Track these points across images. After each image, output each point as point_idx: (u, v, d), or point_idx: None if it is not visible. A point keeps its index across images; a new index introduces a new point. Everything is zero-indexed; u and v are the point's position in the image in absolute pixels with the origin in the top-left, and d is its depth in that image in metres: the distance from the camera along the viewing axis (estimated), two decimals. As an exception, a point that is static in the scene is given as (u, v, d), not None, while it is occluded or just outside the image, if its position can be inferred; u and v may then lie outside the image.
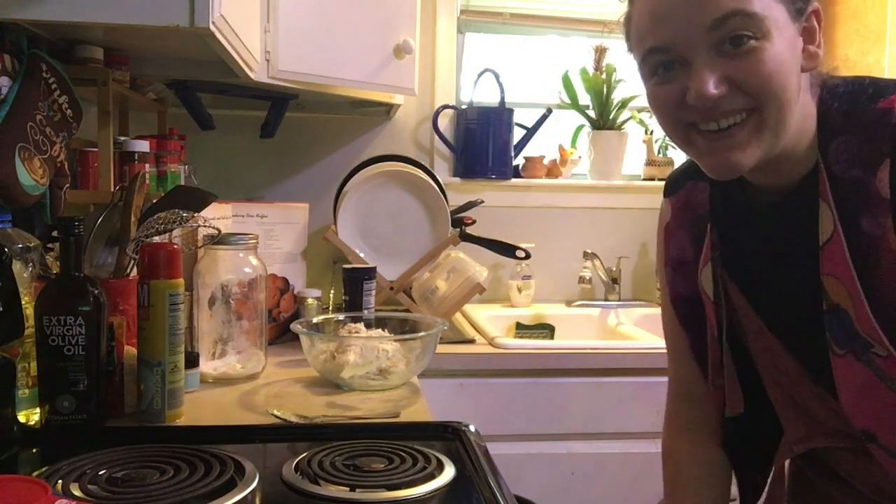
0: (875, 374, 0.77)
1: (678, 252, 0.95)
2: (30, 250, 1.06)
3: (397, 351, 1.32)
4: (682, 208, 0.94)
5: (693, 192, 0.92)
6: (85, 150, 1.51)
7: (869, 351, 0.76)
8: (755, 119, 0.73)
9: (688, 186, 0.93)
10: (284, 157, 2.18)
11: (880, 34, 2.10)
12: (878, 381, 0.77)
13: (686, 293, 0.96)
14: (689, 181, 0.93)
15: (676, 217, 0.95)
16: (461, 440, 0.98)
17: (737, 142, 0.74)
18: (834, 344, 0.79)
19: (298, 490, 0.82)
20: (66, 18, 1.06)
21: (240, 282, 1.36)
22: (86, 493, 0.77)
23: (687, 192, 0.93)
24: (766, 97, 0.72)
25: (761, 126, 0.73)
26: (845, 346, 0.78)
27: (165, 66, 1.63)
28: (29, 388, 1.04)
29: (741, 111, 0.73)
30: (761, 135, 0.74)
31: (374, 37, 1.77)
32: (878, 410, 0.79)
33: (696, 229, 0.92)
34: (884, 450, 0.81)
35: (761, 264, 0.87)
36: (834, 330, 0.79)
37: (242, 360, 1.37)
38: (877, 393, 0.78)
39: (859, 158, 0.74)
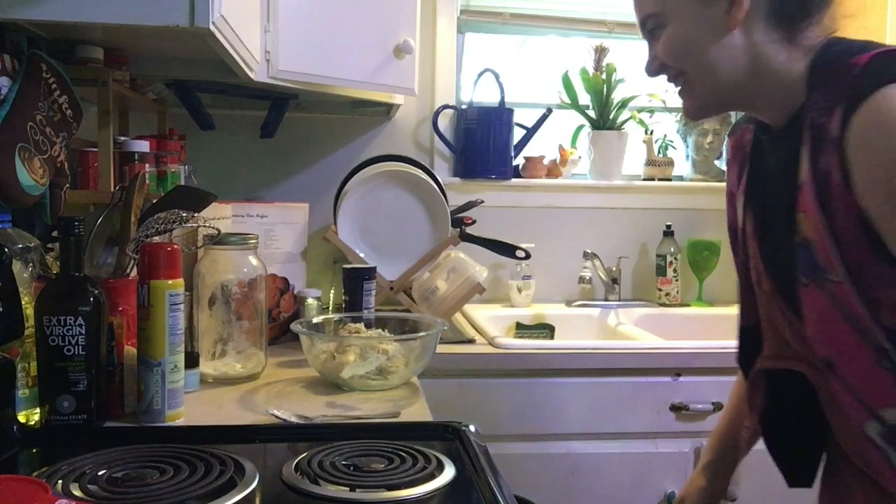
0: (833, 303, 0.86)
1: (729, 184, 1.10)
2: (30, 250, 1.06)
3: (397, 351, 1.32)
4: (735, 146, 1.09)
5: (744, 133, 1.06)
6: (85, 150, 1.51)
7: (826, 279, 0.86)
8: (684, 79, 0.96)
9: (742, 128, 1.07)
10: (284, 157, 2.18)
11: (880, 34, 2.10)
12: (834, 311, 0.86)
13: (731, 222, 1.09)
14: (744, 124, 1.07)
15: (731, 154, 1.10)
16: (461, 440, 0.98)
17: (685, 95, 0.98)
18: (801, 274, 0.89)
19: (298, 490, 0.82)
20: (66, 18, 1.06)
21: (240, 282, 1.36)
22: (86, 493, 0.77)
23: (741, 132, 1.07)
24: (682, 63, 0.95)
25: (690, 82, 0.95)
26: (810, 276, 0.88)
27: (165, 66, 1.63)
28: (29, 388, 1.04)
29: (676, 76, 0.97)
30: (693, 88, 0.96)
31: (374, 37, 1.77)
32: (836, 339, 0.88)
33: (741, 165, 1.06)
34: (841, 380, 0.89)
35: (762, 196, 1.00)
36: (802, 261, 0.88)
37: (242, 360, 1.37)
38: (835, 322, 0.87)
39: (826, 106, 0.85)
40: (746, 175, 1.03)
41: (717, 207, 2.39)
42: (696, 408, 1.66)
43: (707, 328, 2.19)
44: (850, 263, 0.84)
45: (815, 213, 0.85)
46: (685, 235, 2.34)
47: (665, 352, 1.71)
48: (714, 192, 2.36)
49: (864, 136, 0.80)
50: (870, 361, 0.86)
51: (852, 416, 0.90)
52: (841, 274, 0.84)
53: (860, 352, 0.86)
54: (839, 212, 0.83)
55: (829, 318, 0.87)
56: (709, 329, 2.18)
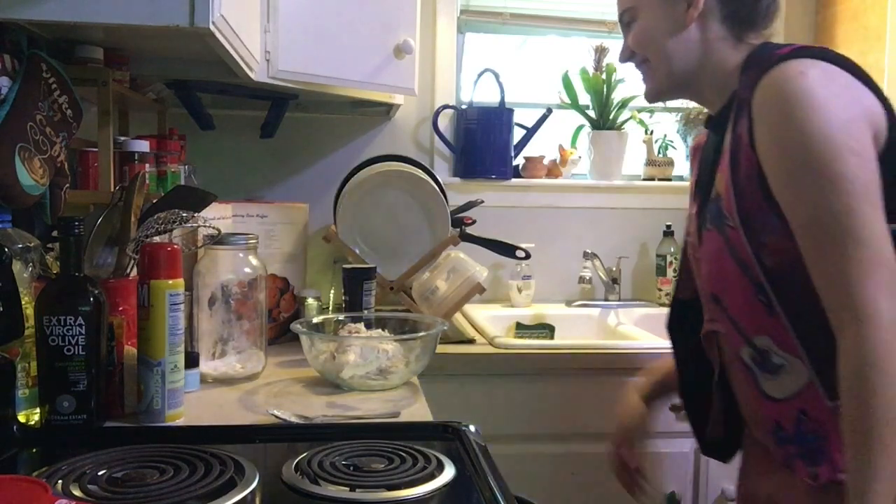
0: (727, 245, 1.02)
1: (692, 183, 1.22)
2: (30, 250, 1.06)
3: (397, 351, 1.32)
4: (694, 148, 1.23)
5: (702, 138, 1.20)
6: (85, 150, 1.51)
7: (725, 224, 1.01)
8: (647, 65, 1.12)
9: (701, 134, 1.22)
10: (284, 157, 2.18)
11: (880, 34, 2.10)
12: (726, 249, 1.02)
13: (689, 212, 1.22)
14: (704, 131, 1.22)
15: (692, 155, 1.25)
16: (461, 440, 0.98)
17: (646, 80, 1.14)
18: (708, 221, 1.06)
19: (298, 490, 0.82)
20: (66, 18, 1.06)
21: (240, 282, 1.36)
22: (86, 493, 0.77)
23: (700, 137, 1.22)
24: (646, 51, 1.11)
25: (650, 67, 1.12)
26: (713, 223, 1.05)
27: (165, 66, 1.63)
28: (29, 388, 1.04)
29: (641, 62, 1.13)
30: (653, 73, 1.12)
31: (374, 37, 1.77)
32: (725, 276, 1.04)
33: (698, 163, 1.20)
34: (726, 313, 1.06)
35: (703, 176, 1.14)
36: (711, 210, 1.05)
37: (242, 360, 1.37)
38: (726, 261, 1.02)
39: (750, 83, 0.98)
40: (697, 167, 1.18)
41: (717, 207, 2.39)
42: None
43: (707, 328, 2.18)
44: (745, 212, 0.98)
45: (727, 171, 1.01)
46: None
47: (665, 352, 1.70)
48: (714, 192, 2.36)
49: (762, 97, 0.95)
50: (749, 295, 1.01)
51: (734, 343, 1.06)
52: (736, 221, 0.99)
53: (743, 287, 1.01)
54: (742, 166, 0.98)
55: (722, 258, 1.03)
56: (709, 329, 2.18)
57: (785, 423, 1.03)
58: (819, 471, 1.00)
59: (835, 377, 0.92)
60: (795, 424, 1.02)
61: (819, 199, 0.90)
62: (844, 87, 0.95)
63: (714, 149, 1.09)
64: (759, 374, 1.04)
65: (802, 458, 1.02)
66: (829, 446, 0.98)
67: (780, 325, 0.99)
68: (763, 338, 1.01)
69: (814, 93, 0.92)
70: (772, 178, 0.95)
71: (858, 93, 0.95)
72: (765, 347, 1.02)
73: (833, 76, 0.95)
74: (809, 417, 1.00)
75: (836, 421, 0.93)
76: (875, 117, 0.94)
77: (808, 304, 0.94)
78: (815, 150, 0.90)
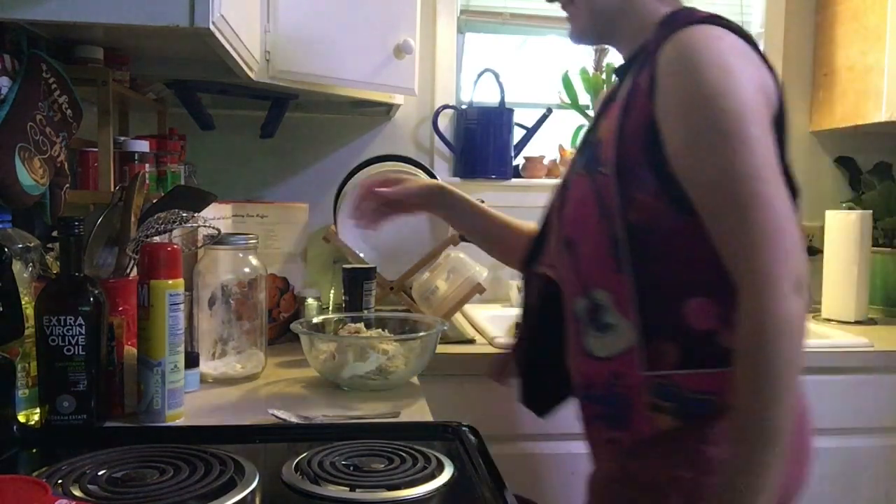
0: (595, 191, 1.02)
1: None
2: (30, 250, 1.06)
3: (397, 351, 1.32)
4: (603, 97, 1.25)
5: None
6: (85, 150, 1.51)
7: (598, 171, 1.01)
8: (572, 6, 1.13)
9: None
10: (284, 157, 2.18)
11: (880, 34, 2.10)
12: (592, 196, 1.02)
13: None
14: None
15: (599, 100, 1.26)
16: (461, 440, 0.98)
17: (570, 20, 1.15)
18: (579, 165, 1.07)
19: (298, 490, 0.82)
20: (66, 18, 1.06)
21: (240, 282, 1.36)
22: (86, 493, 0.77)
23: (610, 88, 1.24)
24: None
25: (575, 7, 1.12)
26: (587, 167, 1.05)
27: (165, 66, 1.63)
28: (29, 388, 1.04)
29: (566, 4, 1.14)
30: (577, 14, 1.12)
31: (374, 37, 1.77)
32: (585, 223, 1.04)
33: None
34: (574, 260, 1.06)
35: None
36: (586, 154, 1.06)
37: (242, 360, 1.37)
38: (590, 208, 1.02)
39: (661, 39, 0.99)
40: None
41: (717, 207, 2.39)
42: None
43: (707, 328, 2.18)
44: (622, 162, 0.98)
45: (616, 118, 1.00)
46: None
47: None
48: (714, 192, 2.36)
49: (673, 51, 0.95)
50: (603, 248, 1.00)
51: (571, 292, 1.07)
52: (611, 169, 0.99)
53: (599, 238, 1.01)
54: (633, 116, 0.98)
55: (587, 204, 1.03)
56: (709, 329, 2.18)
57: (596, 382, 1.05)
58: (620, 436, 1.03)
59: (657, 351, 0.96)
60: (606, 386, 1.03)
61: (726, 161, 0.89)
62: (751, 59, 0.96)
63: (610, 97, 1.10)
64: (587, 329, 1.04)
65: (605, 420, 1.05)
66: (633, 414, 1.00)
67: (623, 285, 0.99)
68: (603, 292, 1.01)
69: (728, 58, 0.93)
70: (670, 135, 0.94)
71: (762, 69, 0.97)
72: (601, 303, 1.01)
73: (744, 48, 0.97)
74: (620, 382, 1.01)
75: (644, 391, 0.98)
76: (770, 93, 0.96)
77: (656, 271, 0.97)
78: (726, 112, 0.90)
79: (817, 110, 2.39)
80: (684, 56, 0.94)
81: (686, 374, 0.97)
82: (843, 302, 2.12)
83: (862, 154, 2.43)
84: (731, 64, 0.92)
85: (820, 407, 1.75)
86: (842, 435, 1.77)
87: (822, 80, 2.36)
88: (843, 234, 2.12)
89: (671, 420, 0.97)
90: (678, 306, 0.96)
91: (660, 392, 0.98)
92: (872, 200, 2.29)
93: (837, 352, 1.78)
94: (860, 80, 2.18)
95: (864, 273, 2.10)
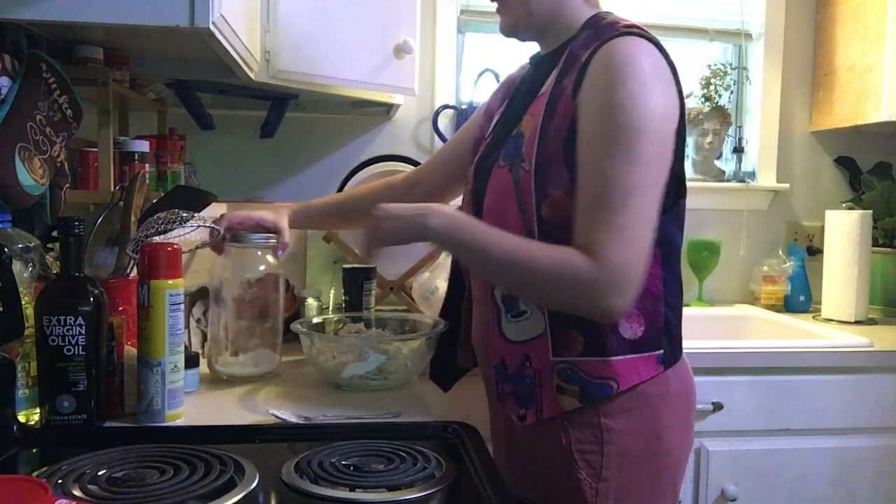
0: (514, 185, 1.09)
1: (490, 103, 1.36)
2: (30, 250, 1.06)
3: (397, 351, 1.32)
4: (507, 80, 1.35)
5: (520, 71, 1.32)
6: (85, 150, 1.51)
7: (520, 166, 1.08)
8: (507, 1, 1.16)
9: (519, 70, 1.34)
10: (284, 157, 2.18)
11: (880, 34, 2.10)
12: (512, 190, 1.09)
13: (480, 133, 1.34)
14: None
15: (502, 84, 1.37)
16: (461, 440, 0.98)
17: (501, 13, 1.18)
18: (501, 158, 1.13)
19: (298, 490, 0.82)
20: (66, 18, 1.06)
21: (257, 280, 1.36)
22: (86, 493, 0.77)
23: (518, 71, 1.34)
24: None
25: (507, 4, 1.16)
26: (508, 160, 1.11)
27: (165, 66, 1.63)
28: (29, 388, 1.04)
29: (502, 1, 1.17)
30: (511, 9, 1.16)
31: (374, 37, 1.77)
32: (503, 215, 1.10)
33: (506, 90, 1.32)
34: None
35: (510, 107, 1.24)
36: (508, 149, 1.12)
37: (257, 359, 1.38)
38: (509, 200, 1.09)
39: (587, 44, 1.07)
40: (509, 97, 1.26)
41: (718, 207, 2.39)
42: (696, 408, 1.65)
43: (707, 328, 2.19)
44: (542, 159, 1.05)
45: (539, 116, 1.08)
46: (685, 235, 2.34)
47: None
48: (714, 192, 2.36)
49: (595, 64, 1.03)
50: None
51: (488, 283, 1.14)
52: (532, 165, 1.06)
53: (516, 231, 1.06)
54: (557, 116, 1.06)
55: (506, 197, 1.10)
56: (708, 329, 2.18)
57: (509, 363, 1.13)
58: (526, 413, 1.11)
59: (564, 338, 1.07)
60: (518, 367, 1.12)
61: (609, 169, 0.98)
62: (665, 79, 1.04)
63: (528, 90, 1.18)
64: (504, 314, 1.13)
65: (514, 398, 1.13)
66: (541, 395, 1.10)
67: None
68: None
69: (647, 78, 1.00)
70: (581, 133, 1.02)
71: (672, 88, 1.05)
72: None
73: (662, 66, 1.04)
74: (532, 365, 1.10)
75: (552, 374, 1.08)
76: (672, 112, 1.04)
77: None
78: (626, 127, 0.98)
79: (817, 110, 2.39)
80: (611, 67, 1.01)
81: (588, 361, 1.06)
82: (843, 302, 2.12)
83: (862, 154, 2.43)
84: (648, 84, 1.00)
85: (820, 407, 1.76)
86: (842, 435, 1.77)
87: (822, 80, 2.36)
88: (843, 234, 2.12)
89: (574, 401, 1.07)
90: None
91: (565, 376, 1.08)
92: (872, 200, 2.30)
93: (837, 352, 1.78)
94: (860, 80, 2.18)
95: (864, 273, 2.11)
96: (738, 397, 1.74)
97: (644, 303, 1.06)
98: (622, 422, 1.07)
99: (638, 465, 1.08)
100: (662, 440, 1.09)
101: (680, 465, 1.15)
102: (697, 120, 2.33)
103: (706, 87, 2.36)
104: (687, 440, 1.16)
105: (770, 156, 2.40)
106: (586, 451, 1.07)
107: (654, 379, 1.08)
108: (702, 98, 2.36)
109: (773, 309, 2.28)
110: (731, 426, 1.74)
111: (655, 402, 1.09)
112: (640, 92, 0.99)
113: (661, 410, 1.09)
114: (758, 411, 1.74)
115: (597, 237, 0.97)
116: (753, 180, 2.40)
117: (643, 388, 1.07)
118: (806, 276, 2.32)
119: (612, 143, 0.99)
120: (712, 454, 1.74)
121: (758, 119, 2.38)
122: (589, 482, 1.07)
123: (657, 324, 1.08)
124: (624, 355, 1.06)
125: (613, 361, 1.06)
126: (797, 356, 1.76)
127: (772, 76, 2.37)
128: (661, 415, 1.09)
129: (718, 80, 2.36)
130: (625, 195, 0.97)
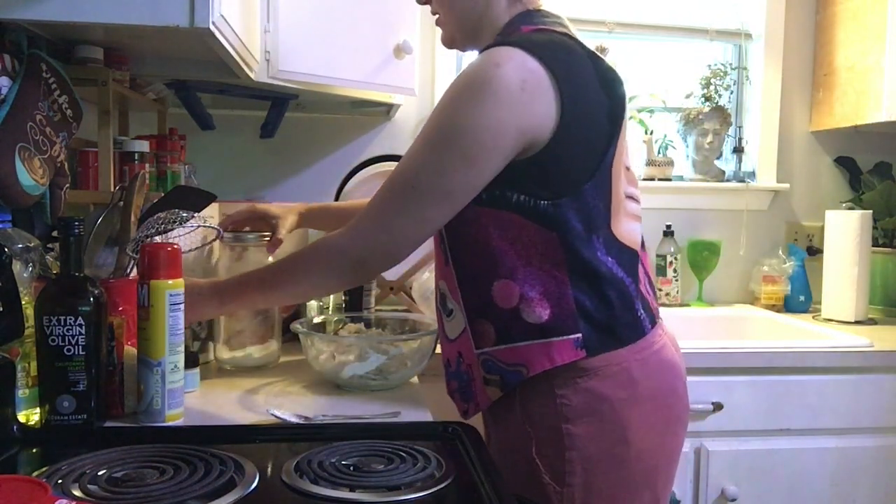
0: None
1: None
2: (30, 250, 1.06)
3: (397, 351, 1.32)
4: None
5: None
6: (85, 150, 1.51)
7: None
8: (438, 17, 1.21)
9: None
10: (284, 157, 2.18)
11: (880, 34, 2.10)
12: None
13: None
14: None
15: None
16: (461, 440, 0.98)
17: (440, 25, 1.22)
18: None
19: (298, 490, 0.82)
20: (66, 18, 1.06)
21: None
22: (86, 493, 0.77)
23: None
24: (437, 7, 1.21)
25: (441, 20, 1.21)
26: None
27: (165, 66, 1.63)
28: (29, 388, 1.04)
29: (434, 11, 1.21)
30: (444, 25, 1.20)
31: (374, 37, 1.77)
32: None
33: None
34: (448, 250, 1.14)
35: None
36: None
37: (258, 350, 1.41)
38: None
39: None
40: None
41: (718, 207, 2.39)
42: (696, 408, 1.66)
43: (707, 328, 2.19)
44: None
45: None
46: (685, 235, 2.34)
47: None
48: (714, 192, 2.36)
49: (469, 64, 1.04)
50: (437, 243, 1.15)
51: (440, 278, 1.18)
52: None
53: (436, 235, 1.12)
54: None
55: None
56: (708, 329, 2.19)
57: (451, 361, 1.18)
58: (468, 408, 1.16)
59: (479, 331, 1.10)
60: (457, 364, 1.17)
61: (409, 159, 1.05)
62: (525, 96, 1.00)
63: None
64: (441, 314, 1.19)
65: (459, 394, 1.17)
66: (475, 388, 1.14)
67: (451, 275, 1.13)
68: (443, 282, 1.16)
69: (488, 89, 0.99)
70: None
71: (535, 106, 1.00)
72: (444, 291, 1.16)
73: (525, 83, 0.99)
74: (464, 360, 1.15)
75: (478, 367, 1.11)
76: (537, 130, 1.01)
77: (466, 259, 1.10)
78: (438, 128, 1.03)
79: (817, 110, 2.39)
80: (463, 71, 1.04)
81: (502, 349, 1.09)
82: (843, 302, 2.12)
83: (862, 154, 2.44)
84: (485, 96, 0.99)
85: (820, 407, 1.76)
86: (842, 435, 1.77)
87: (822, 80, 2.36)
88: (843, 234, 2.12)
89: (498, 391, 1.10)
90: (487, 289, 1.08)
91: (488, 367, 1.11)
92: (872, 200, 2.30)
93: (837, 352, 1.78)
94: (860, 80, 2.18)
95: (864, 273, 2.11)
96: (737, 397, 1.74)
97: (546, 286, 1.05)
98: (583, 427, 1.05)
99: (604, 470, 1.06)
100: (630, 445, 1.06)
101: (659, 470, 1.12)
102: (697, 120, 2.33)
103: (706, 87, 2.36)
104: (664, 444, 1.13)
105: (770, 156, 2.40)
106: (549, 457, 1.06)
107: (617, 381, 1.06)
108: (702, 98, 2.36)
109: (773, 309, 2.29)
110: (731, 426, 1.74)
111: (620, 405, 1.06)
112: (467, 97, 1.00)
113: (626, 414, 1.06)
114: (758, 411, 1.74)
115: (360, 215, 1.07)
116: (753, 180, 2.40)
117: (604, 391, 1.05)
118: (806, 276, 2.32)
119: (420, 139, 1.05)
120: (712, 454, 1.74)
121: (758, 119, 2.39)
122: (554, 486, 1.06)
123: (566, 307, 1.05)
124: (532, 340, 1.06)
125: (521, 347, 1.07)
126: (797, 356, 1.76)
127: (772, 76, 2.37)
128: (628, 419, 1.06)
129: (718, 80, 2.36)
130: (404, 190, 1.04)
